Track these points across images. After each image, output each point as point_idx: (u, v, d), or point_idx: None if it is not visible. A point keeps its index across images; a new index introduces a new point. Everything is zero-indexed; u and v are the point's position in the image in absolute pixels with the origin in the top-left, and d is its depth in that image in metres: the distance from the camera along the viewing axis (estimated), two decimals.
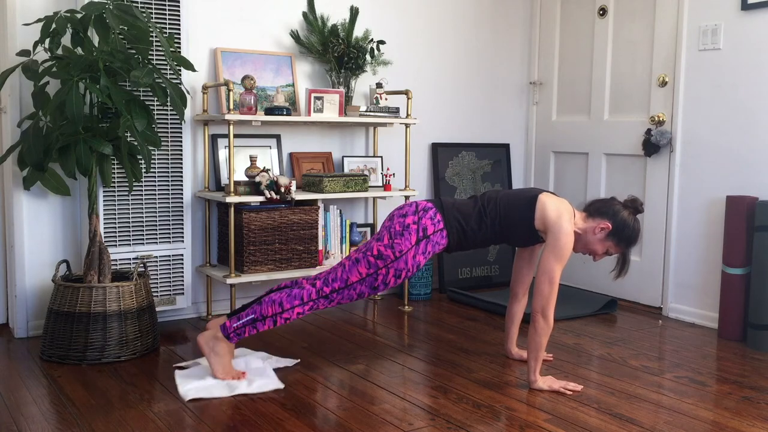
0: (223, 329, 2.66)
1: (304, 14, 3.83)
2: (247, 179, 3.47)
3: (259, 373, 2.75)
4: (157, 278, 3.38)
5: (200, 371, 2.76)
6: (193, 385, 2.61)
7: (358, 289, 2.65)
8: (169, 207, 3.40)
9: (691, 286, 3.71)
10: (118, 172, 3.23)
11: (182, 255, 3.44)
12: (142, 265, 3.20)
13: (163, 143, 3.34)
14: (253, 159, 3.51)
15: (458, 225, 2.69)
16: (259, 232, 3.42)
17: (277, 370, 2.82)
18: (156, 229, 3.37)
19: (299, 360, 2.97)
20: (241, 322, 2.65)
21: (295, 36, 3.80)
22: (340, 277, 2.65)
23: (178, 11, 3.32)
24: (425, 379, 2.80)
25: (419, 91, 4.23)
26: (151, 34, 3.00)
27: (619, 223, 2.70)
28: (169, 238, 3.41)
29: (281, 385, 2.66)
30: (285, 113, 3.47)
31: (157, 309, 3.33)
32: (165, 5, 3.29)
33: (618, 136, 4.10)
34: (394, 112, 3.76)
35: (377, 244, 2.64)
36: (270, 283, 3.69)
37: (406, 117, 3.79)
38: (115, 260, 3.25)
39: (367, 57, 3.81)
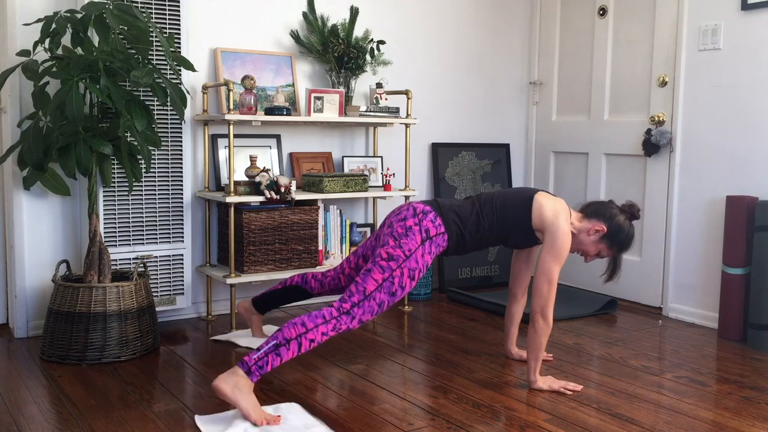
0: (242, 364, 2.36)
1: (304, 14, 3.83)
2: (247, 179, 3.47)
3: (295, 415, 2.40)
4: (157, 278, 3.38)
5: (225, 416, 2.38)
6: None
7: (377, 298, 2.53)
8: (169, 207, 3.40)
9: (691, 286, 3.71)
10: (118, 172, 3.23)
11: (182, 255, 3.44)
12: (142, 265, 3.20)
13: (163, 143, 3.34)
14: (253, 159, 3.51)
15: (457, 229, 2.68)
16: (259, 232, 3.42)
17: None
18: (156, 229, 3.37)
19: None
20: (262, 351, 2.37)
21: (295, 36, 3.80)
22: (356, 290, 2.53)
23: (178, 11, 3.32)
24: (425, 379, 2.80)
25: (419, 91, 4.23)
26: (151, 34, 3.00)
27: (614, 227, 2.70)
28: (169, 238, 3.41)
29: None
30: (285, 113, 3.46)
31: (157, 309, 3.33)
32: (165, 5, 3.29)
33: (618, 136, 4.10)
34: (394, 112, 3.75)
35: (384, 249, 2.59)
36: (270, 283, 3.68)
37: (406, 117, 3.79)
38: (115, 260, 3.25)
39: (367, 57, 3.81)
